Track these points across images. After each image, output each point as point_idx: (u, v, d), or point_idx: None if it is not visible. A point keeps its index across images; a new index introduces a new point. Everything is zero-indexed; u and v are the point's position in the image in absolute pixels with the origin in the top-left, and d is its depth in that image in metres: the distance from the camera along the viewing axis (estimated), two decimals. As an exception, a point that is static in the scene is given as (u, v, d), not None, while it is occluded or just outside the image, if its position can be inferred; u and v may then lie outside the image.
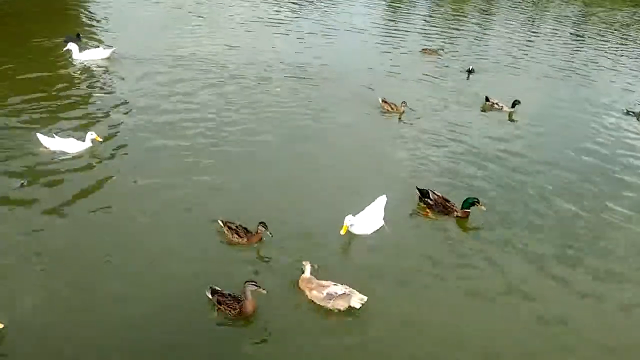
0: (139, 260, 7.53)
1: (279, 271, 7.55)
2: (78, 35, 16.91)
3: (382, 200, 8.67)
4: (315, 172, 10.38)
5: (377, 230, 8.44)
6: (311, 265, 7.20)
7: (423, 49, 18.90)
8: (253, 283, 6.49)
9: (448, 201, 9.30)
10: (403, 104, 13.40)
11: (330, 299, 6.85)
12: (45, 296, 6.79)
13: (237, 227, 7.89)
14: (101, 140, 10.19)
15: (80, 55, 14.79)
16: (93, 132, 10.19)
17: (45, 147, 10.00)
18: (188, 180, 9.53)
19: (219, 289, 6.70)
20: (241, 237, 7.90)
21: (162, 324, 6.52)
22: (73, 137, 10.29)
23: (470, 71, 16.85)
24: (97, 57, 14.95)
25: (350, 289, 6.96)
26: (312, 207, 9.05)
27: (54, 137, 10.06)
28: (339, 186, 9.83)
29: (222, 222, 7.93)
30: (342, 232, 7.98)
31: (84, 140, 10.16)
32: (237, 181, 9.67)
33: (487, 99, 14.69)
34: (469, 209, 9.15)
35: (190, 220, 8.47)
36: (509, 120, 14.30)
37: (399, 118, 13.30)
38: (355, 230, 8.18)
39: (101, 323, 6.46)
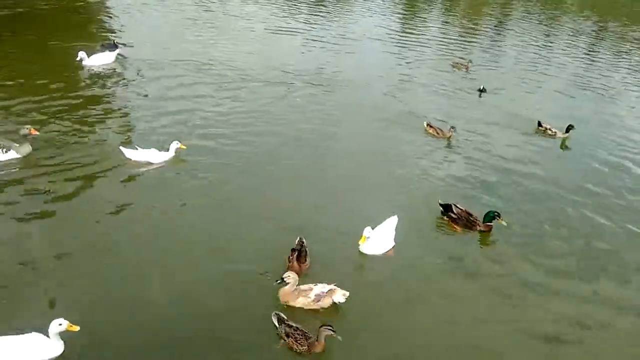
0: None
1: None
2: (115, 43, 16.54)
3: (393, 221, 8.87)
4: (331, 179, 10.85)
5: (388, 250, 8.71)
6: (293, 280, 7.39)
7: (454, 63, 19.43)
8: (329, 328, 6.58)
9: (471, 215, 9.55)
10: (452, 129, 13.20)
11: (319, 300, 7.19)
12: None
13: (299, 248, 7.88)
14: (185, 147, 10.54)
15: (89, 61, 15.16)
16: (178, 141, 10.57)
17: (129, 159, 10.38)
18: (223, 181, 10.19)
19: (284, 316, 6.87)
20: (290, 262, 7.92)
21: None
22: (154, 147, 10.74)
23: (481, 90, 16.84)
24: (106, 62, 15.43)
25: (332, 285, 7.32)
26: (327, 219, 9.34)
27: (136, 149, 10.48)
28: (357, 196, 10.20)
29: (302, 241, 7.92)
30: (361, 242, 8.31)
31: (167, 150, 10.52)
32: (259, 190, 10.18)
33: (539, 124, 14.50)
34: (490, 222, 9.42)
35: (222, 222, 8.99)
36: (562, 147, 14.04)
37: (448, 144, 13.12)
38: (367, 250, 8.47)
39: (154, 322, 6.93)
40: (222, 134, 12.10)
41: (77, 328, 6.16)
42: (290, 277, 7.23)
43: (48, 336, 6.17)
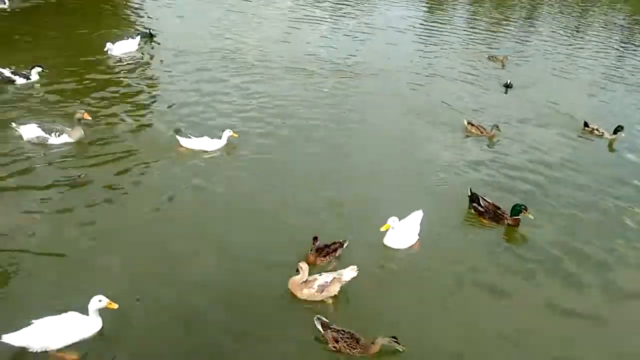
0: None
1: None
2: (150, 32, 16.73)
3: (418, 215, 8.84)
4: (357, 170, 10.87)
5: (412, 245, 8.69)
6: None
7: (490, 56, 19.42)
8: (395, 340, 6.43)
9: (499, 208, 9.47)
10: (495, 128, 12.92)
11: (323, 290, 7.13)
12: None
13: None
14: (237, 135, 10.86)
15: (115, 50, 15.43)
16: (230, 130, 10.85)
17: (184, 147, 10.65)
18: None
19: (327, 320, 6.68)
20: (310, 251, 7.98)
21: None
22: (206, 135, 10.96)
23: (508, 86, 16.61)
24: (129, 50, 15.74)
25: (337, 272, 7.29)
26: (351, 211, 9.31)
27: (189, 137, 10.72)
28: (382, 188, 10.20)
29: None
30: (383, 228, 8.33)
31: (220, 138, 10.80)
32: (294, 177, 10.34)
33: (585, 124, 14.15)
34: (518, 216, 9.31)
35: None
36: (610, 149, 13.62)
37: (490, 142, 12.79)
38: (390, 243, 8.48)
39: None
40: (254, 121, 12.22)
41: (115, 305, 6.29)
42: (302, 267, 7.20)
43: (85, 314, 6.29)
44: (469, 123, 13.10)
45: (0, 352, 5.98)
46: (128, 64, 15.10)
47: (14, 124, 10.36)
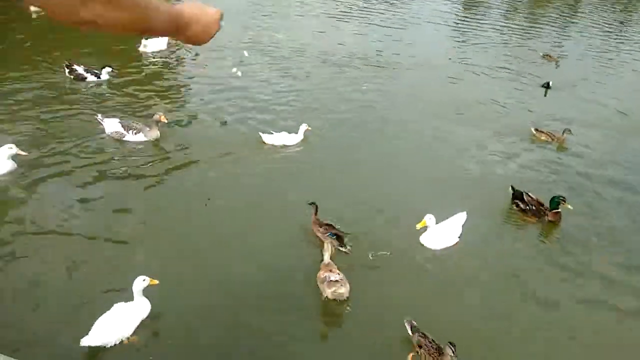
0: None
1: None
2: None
3: (461, 217, 8.71)
4: (394, 168, 10.76)
5: (450, 247, 8.49)
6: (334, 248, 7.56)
7: (544, 55, 19.39)
8: (452, 347, 6.44)
9: (542, 204, 9.37)
10: (567, 132, 12.24)
11: (323, 282, 7.18)
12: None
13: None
14: (310, 129, 11.31)
15: (149, 47, 15.71)
16: (305, 124, 11.25)
17: (267, 143, 11.03)
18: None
19: (415, 324, 6.64)
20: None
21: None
22: (285, 130, 11.31)
23: (547, 86, 16.08)
24: (160, 48, 15.98)
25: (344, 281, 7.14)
26: (388, 210, 9.15)
27: (272, 133, 11.10)
28: (423, 188, 10.05)
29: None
30: (419, 226, 8.25)
31: (297, 133, 11.23)
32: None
33: None
34: (557, 208, 9.20)
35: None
36: None
37: (560, 148, 12.23)
38: (427, 243, 8.38)
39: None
40: (291, 117, 12.27)
41: (156, 281, 6.46)
42: (328, 243, 7.44)
43: (129, 300, 6.43)
44: (536, 130, 12.52)
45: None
46: (174, 61, 15.48)
47: (99, 116, 10.89)
